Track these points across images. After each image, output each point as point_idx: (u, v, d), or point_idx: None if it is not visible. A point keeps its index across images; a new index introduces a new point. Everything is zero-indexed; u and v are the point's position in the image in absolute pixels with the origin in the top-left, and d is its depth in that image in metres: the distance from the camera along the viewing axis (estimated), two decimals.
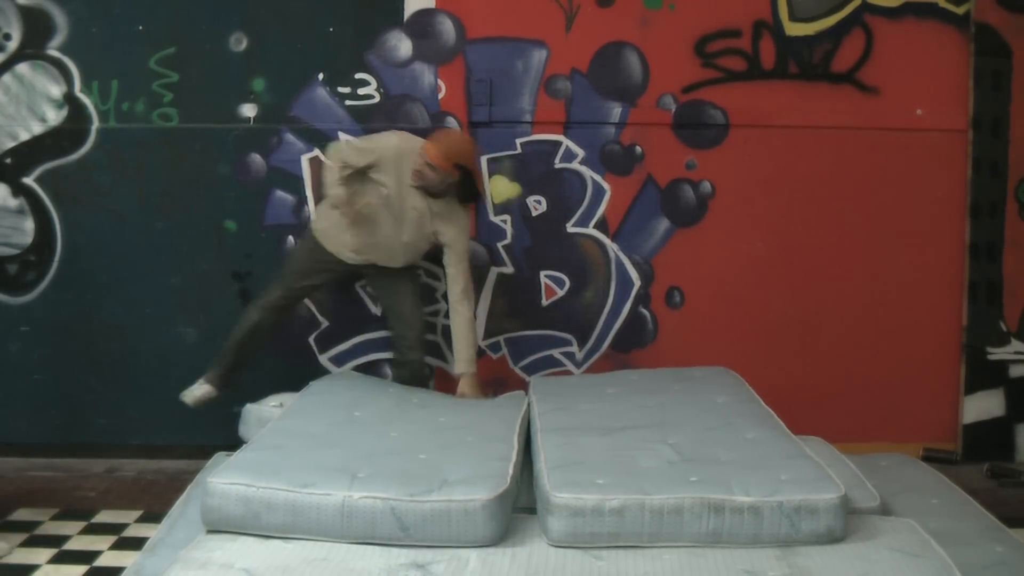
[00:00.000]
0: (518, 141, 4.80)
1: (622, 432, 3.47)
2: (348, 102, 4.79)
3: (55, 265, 4.86)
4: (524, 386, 4.40)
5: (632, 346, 4.92)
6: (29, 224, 4.84)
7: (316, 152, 4.79)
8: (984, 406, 4.88)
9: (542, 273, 4.88)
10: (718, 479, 3.00)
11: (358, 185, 4.31)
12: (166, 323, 4.86)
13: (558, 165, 4.80)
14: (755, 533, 2.88)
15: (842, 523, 2.90)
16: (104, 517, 4.15)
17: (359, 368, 4.85)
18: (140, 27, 4.73)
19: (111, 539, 3.91)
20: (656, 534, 2.88)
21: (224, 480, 2.96)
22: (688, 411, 3.68)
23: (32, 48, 4.75)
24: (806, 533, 2.87)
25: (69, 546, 3.85)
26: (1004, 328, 4.86)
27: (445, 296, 4.84)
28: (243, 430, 4.06)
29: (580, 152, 4.80)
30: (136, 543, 3.64)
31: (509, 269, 4.87)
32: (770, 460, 3.17)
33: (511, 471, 3.10)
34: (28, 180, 4.82)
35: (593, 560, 2.82)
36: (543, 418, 3.65)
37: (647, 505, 2.89)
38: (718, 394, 3.86)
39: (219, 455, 3.82)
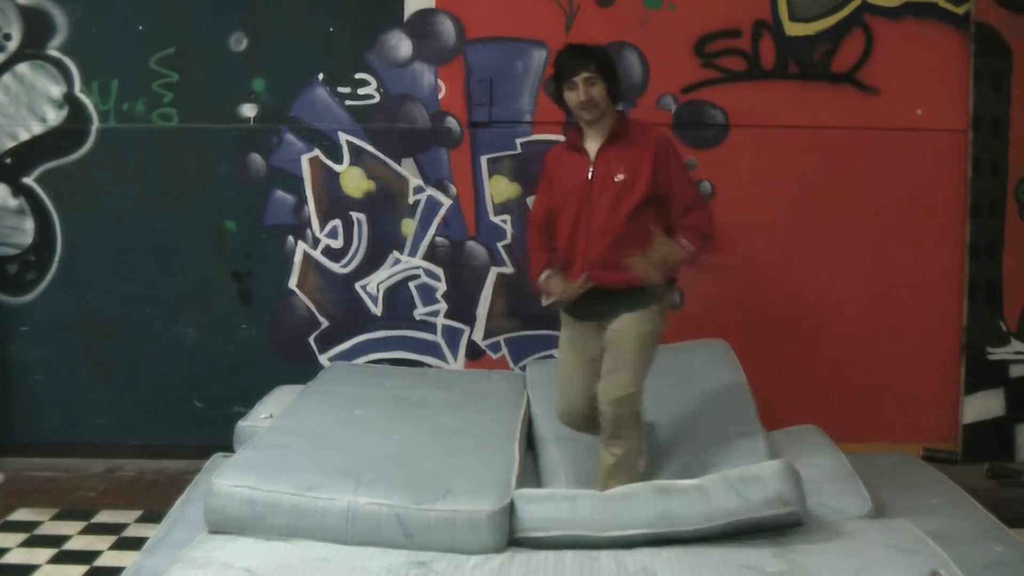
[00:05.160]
0: (518, 141, 4.80)
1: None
2: (348, 102, 4.79)
3: (55, 265, 4.86)
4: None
5: None
6: (29, 224, 4.84)
7: (316, 152, 4.80)
8: (984, 406, 4.88)
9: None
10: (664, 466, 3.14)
11: None
12: (166, 323, 4.86)
13: None
14: (706, 511, 2.88)
15: (793, 489, 2.90)
16: (104, 517, 4.14)
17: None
18: (140, 27, 4.73)
19: (111, 539, 3.91)
20: (609, 521, 2.91)
21: (229, 482, 2.96)
22: (672, 399, 3.85)
23: (32, 48, 4.74)
24: (758, 502, 2.87)
25: (69, 546, 3.84)
26: (1004, 328, 4.86)
27: (445, 296, 4.86)
28: (238, 449, 4.06)
29: None
30: (136, 543, 3.63)
31: (509, 269, 4.87)
32: (722, 443, 3.35)
33: (514, 483, 3.13)
34: (28, 180, 4.82)
35: (592, 561, 2.82)
36: (540, 428, 3.73)
37: (597, 494, 3.00)
38: (705, 381, 3.95)
39: (216, 456, 3.83)
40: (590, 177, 3.48)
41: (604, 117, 3.48)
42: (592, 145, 3.51)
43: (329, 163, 4.81)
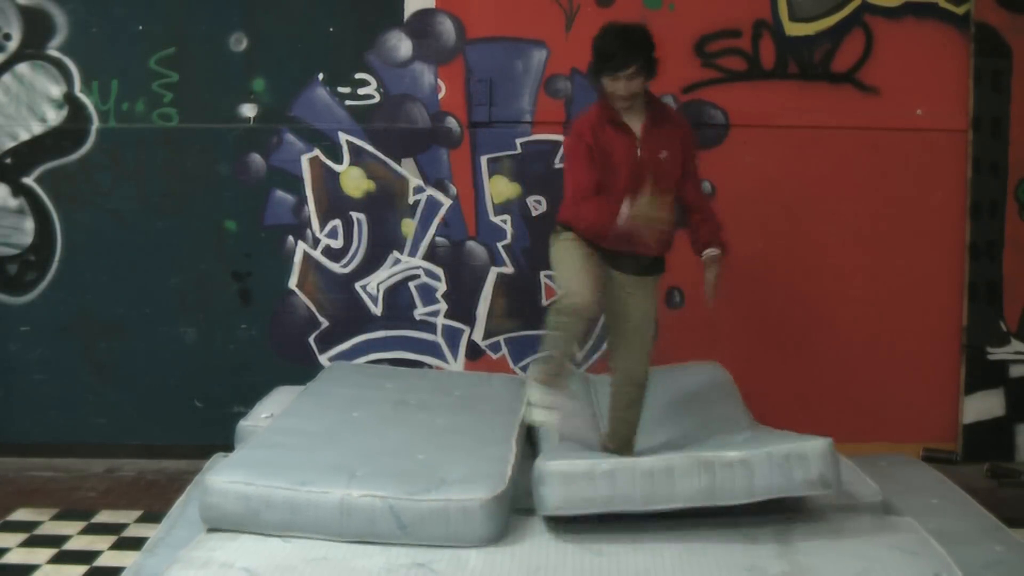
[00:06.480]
0: (518, 141, 4.80)
1: None
2: (348, 102, 4.79)
3: (55, 265, 4.86)
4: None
5: None
6: (29, 224, 4.84)
7: (316, 152, 4.80)
8: (984, 406, 4.88)
9: (542, 273, 4.87)
10: (707, 448, 3.11)
11: None
12: (166, 323, 4.86)
13: (558, 165, 4.79)
14: (749, 486, 2.91)
15: (834, 471, 2.95)
16: (104, 517, 4.14)
17: None
18: (140, 27, 4.74)
19: (111, 539, 3.91)
20: (650, 496, 2.91)
21: (223, 478, 2.97)
22: (680, 410, 3.78)
23: (32, 48, 4.75)
24: (799, 482, 2.92)
25: (69, 546, 3.85)
26: (1004, 328, 4.86)
27: (445, 296, 4.86)
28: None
29: None
30: (136, 543, 3.64)
31: (509, 269, 4.87)
32: (757, 438, 3.27)
33: (509, 472, 3.12)
34: (28, 180, 4.82)
35: (593, 556, 2.82)
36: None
37: (638, 467, 2.93)
38: (707, 397, 3.93)
39: (217, 456, 3.84)
40: (639, 155, 3.53)
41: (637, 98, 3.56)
42: (633, 122, 3.57)
43: (329, 163, 4.81)
